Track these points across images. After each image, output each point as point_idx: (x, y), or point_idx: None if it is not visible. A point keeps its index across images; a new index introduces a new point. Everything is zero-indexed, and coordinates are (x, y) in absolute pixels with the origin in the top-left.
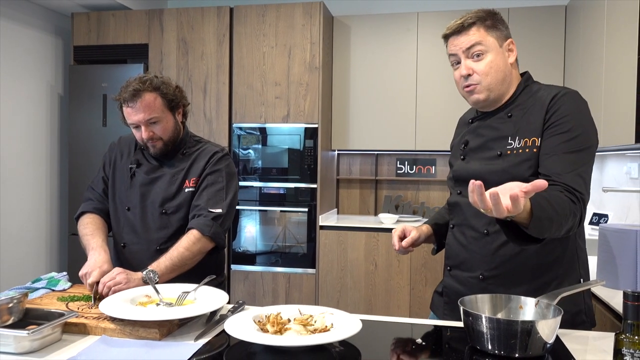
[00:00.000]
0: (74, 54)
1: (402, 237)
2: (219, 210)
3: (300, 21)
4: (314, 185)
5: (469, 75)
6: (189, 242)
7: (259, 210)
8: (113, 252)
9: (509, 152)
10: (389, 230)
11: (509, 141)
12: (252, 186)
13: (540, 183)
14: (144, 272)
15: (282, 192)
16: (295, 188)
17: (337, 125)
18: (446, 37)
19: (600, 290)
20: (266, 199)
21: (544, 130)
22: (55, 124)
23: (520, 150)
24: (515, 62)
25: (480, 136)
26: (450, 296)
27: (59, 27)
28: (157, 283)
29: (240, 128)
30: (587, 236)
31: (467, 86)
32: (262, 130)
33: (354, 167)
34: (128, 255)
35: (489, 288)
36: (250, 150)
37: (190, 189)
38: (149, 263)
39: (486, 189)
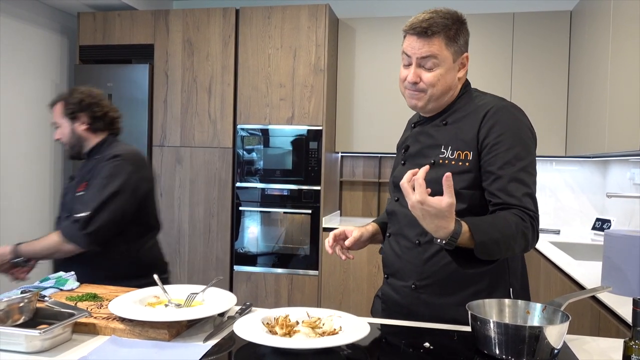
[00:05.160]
0: (79, 53)
1: (343, 238)
2: (83, 214)
3: (305, 23)
4: (318, 187)
5: (416, 83)
6: (50, 238)
7: (262, 212)
8: None
9: (441, 161)
10: None
11: (442, 150)
12: (255, 187)
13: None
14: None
15: (285, 193)
16: (299, 190)
17: (341, 128)
18: (406, 32)
19: (605, 297)
20: (269, 200)
21: (481, 149)
22: None
23: (453, 162)
24: (463, 76)
25: (419, 142)
26: (387, 303)
27: (65, 26)
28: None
29: (245, 129)
30: (590, 241)
31: (411, 90)
32: (267, 132)
33: (357, 169)
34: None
35: (421, 297)
36: (254, 152)
37: (80, 194)
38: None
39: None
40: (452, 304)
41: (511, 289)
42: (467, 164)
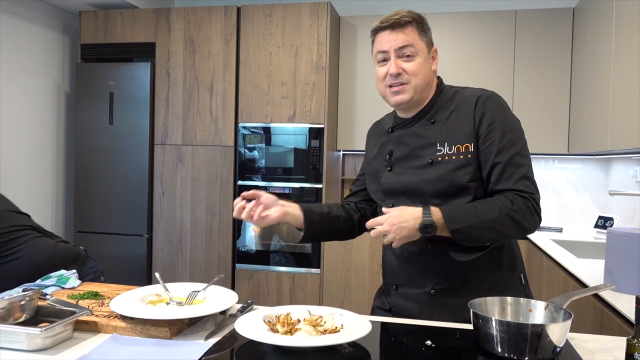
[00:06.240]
0: (81, 52)
1: (254, 201)
2: None
3: (307, 21)
4: (319, 185)
5: (399, 74)
6: None
7: None
8: None
9: (440, 159)
10: None
11: (438, 147)
12: (257, 186)
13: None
14: None
15: (287, 191)
16: (301, 188)
17: (342, 126)
18: (377, 31)
19: (608, 295)
20: None
21: (477, 138)
22: (62, 121)
23: (454, 157)
24: (436, 70)
25: (405, 145)
26: (401, 315)
27: (67, 25)
28: None
29: (246, 127)
30: (593, 239)
31: (394, 85)
32: (268, 130)
33: (359, 167)
34: None
35: (442, 301)
36: (256, 150)
37: None
38: None
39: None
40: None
41: (522, 275)
42: (469, 155)
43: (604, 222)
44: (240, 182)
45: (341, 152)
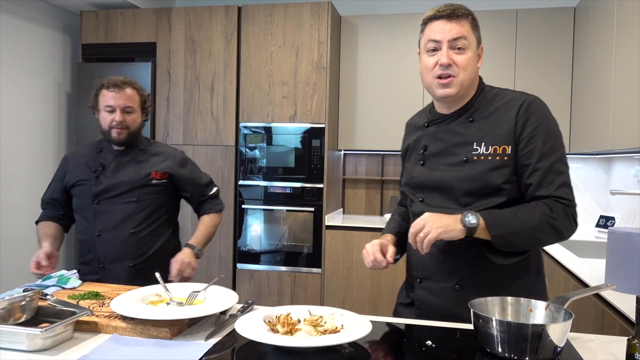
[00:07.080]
0: (82, 52)
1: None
2: (215, 189)
3: (308, 21)
4: (320, 185)
5: (449, 65)
6: (212, 220)
7: (265, 210)
8: (84, 243)
9: (475, 158)
10: None
11: (475, 147)
12: (258, 185)
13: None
14: (195, 249)
15: (288, 191)
16: (302, 187)
17: (343, 125)
18: (430, 20)
19: (609, 295)
20: (272, 198)
21: (518, 142)
22: (63, 121)
23: (490, 158)
24: (479, 69)
25: (441, 141)
26: (423, 308)
27: (68, 25)
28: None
29: (247, 127)
30: (594, 239)
31: (443, 77)
32: (269, 130)
33: (360, 167)
34: (104, 242)
35: (464, 297)
36: (257, 150)
37: (158, 181)
38: (124, 246)
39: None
40: None
41: (545, 279)
42: (505, 158)
43: (605, 222)
44: (241, 182)
45: (342, 152)
